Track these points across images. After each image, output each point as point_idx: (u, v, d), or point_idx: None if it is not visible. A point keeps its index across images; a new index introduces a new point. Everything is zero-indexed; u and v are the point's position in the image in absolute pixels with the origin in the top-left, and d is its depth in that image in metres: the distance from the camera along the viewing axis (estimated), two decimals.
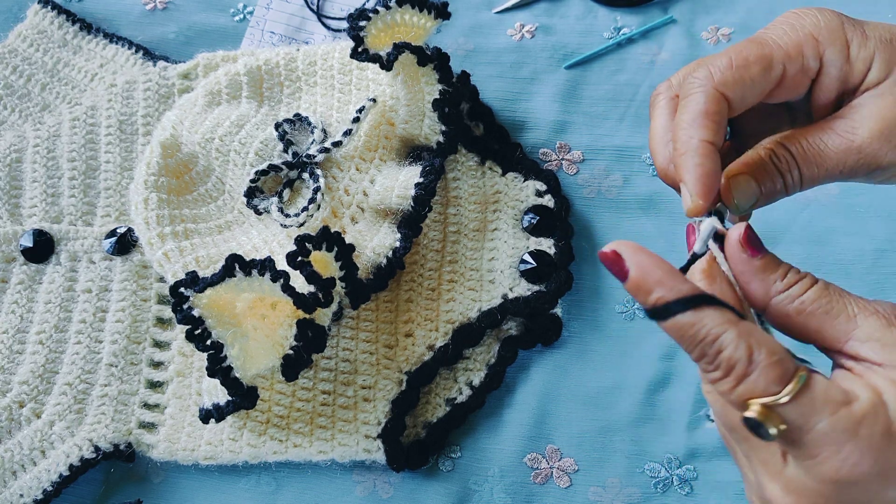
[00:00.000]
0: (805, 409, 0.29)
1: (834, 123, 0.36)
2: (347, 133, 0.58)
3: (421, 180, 0.55)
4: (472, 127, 0.64)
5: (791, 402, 0.29)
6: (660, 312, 0.31)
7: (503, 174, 0.62)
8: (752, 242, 0.33)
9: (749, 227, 0.33)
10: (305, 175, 0.57)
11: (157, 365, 0.58)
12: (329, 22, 0.72)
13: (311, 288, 0.47)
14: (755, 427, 0.29)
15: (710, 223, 0.35)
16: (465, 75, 0.61)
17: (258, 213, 0.58)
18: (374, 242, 0.55)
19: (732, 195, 0.36)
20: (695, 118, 0.35)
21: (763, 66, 0.36)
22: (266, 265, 0.46)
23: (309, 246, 0.48)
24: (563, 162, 0.63)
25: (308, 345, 0.49)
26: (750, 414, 0.29)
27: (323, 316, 0.50)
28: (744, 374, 0.29)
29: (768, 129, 0.41)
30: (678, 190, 0.36)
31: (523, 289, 0.57)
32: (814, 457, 0.29)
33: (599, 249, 0.32)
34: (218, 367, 0.47)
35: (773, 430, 0.29)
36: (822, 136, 0.36)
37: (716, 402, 0.33)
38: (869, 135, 0.35)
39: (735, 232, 0.33)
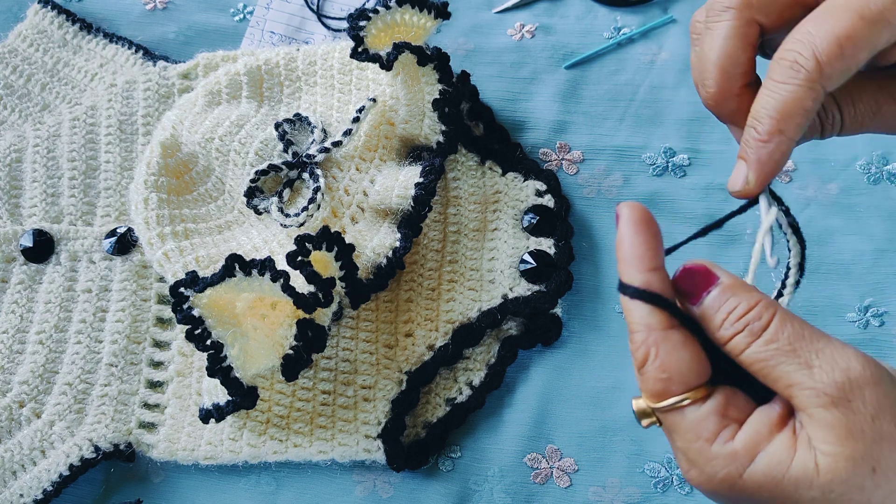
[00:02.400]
0: (670, 427, 0.32)
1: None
2: (347, 133, 0.58)
3: (421, 180, 0.55)
4: (472, 127, 0.64)
5: (663, 414, 0.32)
6: (620, 287, 0.33)
7: (503, 174, 0.62)
8: (691, 287, 0.33)
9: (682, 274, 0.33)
10: (305, 175, 0.57)
11: (157, 365, 0.58)
12: (329, 22, 0.72)
13: (311, 288, 0.47)
14: (634, 414, 0.33)
15: (765, 201, 0.34)
16: (465, 75, 0.61)
17: (258, 213, 0.58)
18: (374, 242, 0.55)
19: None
20: (791, 115, 0.32)
21: (871, 50, 0.31)
22: (266, 265, 0.46)
23: (309, 246, 0.48)
24: (563, 162, 0.63)
25: (308, 345, 0.49)
26: (634, 404, 0.33)
27: (323, 316, 0.50)
28: (637, 371, 0.32)
29: None
30: (725, 122, 0.35)
31: (523, 289, 0.57)
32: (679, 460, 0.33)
33: (621, 204, 0.33)
34: (218, 367, 0.47)
35: (641, 424, 0.33)
36: (879, 95, 0.34)
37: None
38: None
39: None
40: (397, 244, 0.55)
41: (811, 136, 0.36)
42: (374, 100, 0.59)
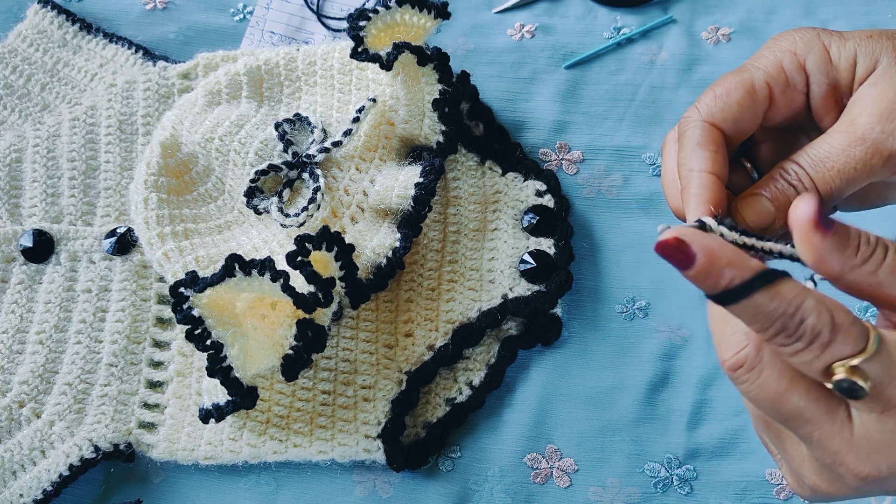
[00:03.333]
0: (885, 363, 0.29)
1: (836, 125, 0.36)
2: (347, 133, 0.58)
3: (421, 180, 0.55)
4: (472, 127, 0.64)
5: (874, 358, 0.29)
6: (734, 294, 0.29)
7: (503, 174, 0.62)
8: (823, 221, 0.30)
9: (818, 206, 0.31)
10: (305, 175, 0.57)
11: (157, 365, 0.58)
12: (329, 22, 0.72)
13: (311, 288, 0.47)
14: (849, 389, 0.29)
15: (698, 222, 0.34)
16: (465, 75, 0.61)
17: (258, 213, 0.58)
18: (374, 242, 0.55)
19: (743, 215, 0.36)
20: (691, 152, 0.37)
21: (745, 90, 0.37)
22: (266, 265, 0.46)
23: (309, 246, 0.48)
24: (563, 162, 0.63)
25: (308, 345, 0.49)
26: (840, 376, 0.29)
27: (323, 316, 0.50)
28: (829, 340, 0.29)
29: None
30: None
31: (523, 289, 0.57)
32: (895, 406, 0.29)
33: (658, 240, 0.30)
34: (218, 367, 0.47)
35: (866, 386, 0.29)
36: (827, 139, 0.36)
37: (761, 399, 0.32)
38: (868, 121, 0.35)
39: (802, 210, 0.30)
40: (397, 244, 0.55)
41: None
42: (374, 100, 0.59)
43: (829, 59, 0.37)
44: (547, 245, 0.58)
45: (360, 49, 0.55)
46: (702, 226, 0.34)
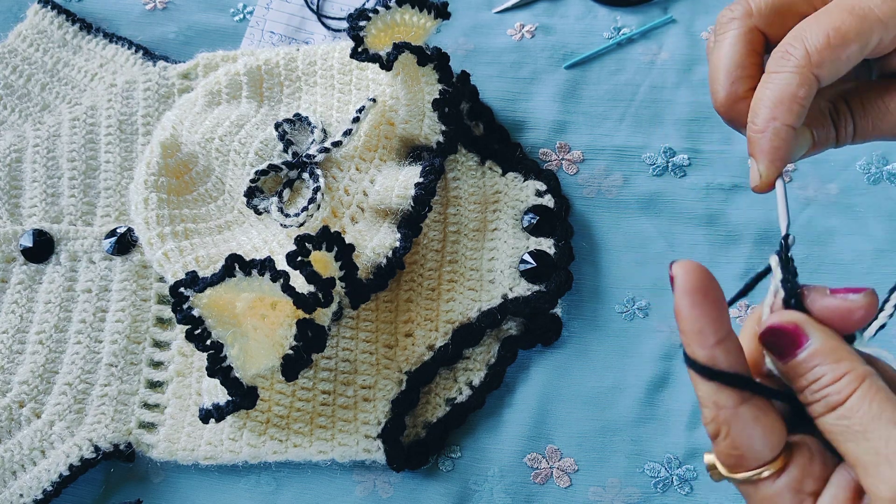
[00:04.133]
0: (744, 494, 0.31)
1: None
2: (347, 133, 0.58)
3: (421, 180, 0.55)
4: (472, 127, 0.64)
5: (736, 482, 0.31)
6: (686, 360, 0.31)
7: (503, 174, 0.62)
8: (774, 349, 0.31)
9: (769, 331, 0.31)
10: (305, 175, 0.57)
11: (157, 365, 0.58)
12: (329, 22, 0.72)
13: (311, 288, 0.47)
14: (705, 466, 0.32)
15: (782, 190, 0.35)
16: (465, 75, 0.61)
17: (258, 213, 0.58)
18: (374, 242, 0.55)
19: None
20: (782, 101, 0.33)
21: (861, 44, 0.33)
22: (266, 265, 0.46)
23: (309, 246, 0.48)
24: (563, 162, 0.63)
25: (308, 345, 0.49)
26: (706, 458, 0.32)
27: (323, 316, 0.50)
28: (712, 442, 0.31)
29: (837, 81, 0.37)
30: (735, 128, 0.36)
31: (523, 289, 0.57)
32: None
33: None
34: (218, 367, 0.47)
35: (711, 476, 0.32)
36: (886, 97, 0.35)
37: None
38: None
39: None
40: (397, 244, 0.55)
41: (827, 144, 0.36)
42: (374, 100, 0.59)
43: None
44: (547, 245, 0.58)
45: (360, 49, 0.55)
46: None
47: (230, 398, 0.50)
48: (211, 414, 0.51)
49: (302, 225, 0.55)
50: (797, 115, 0.33)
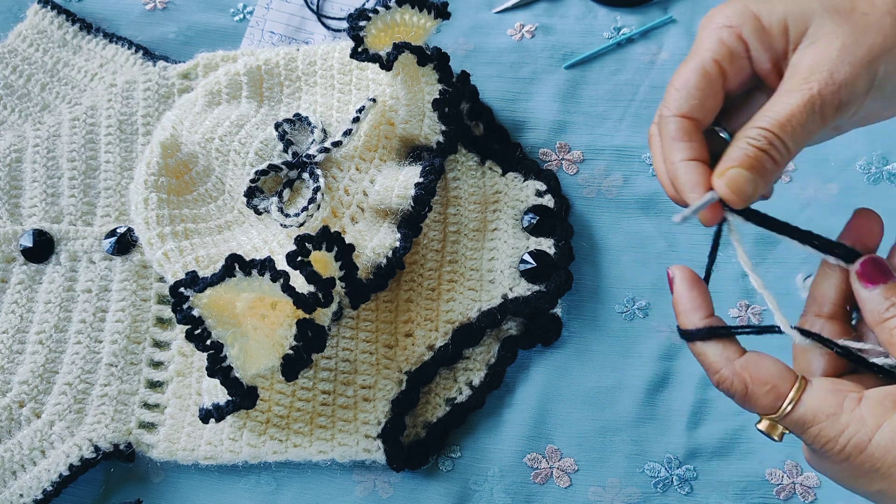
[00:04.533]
0: (798, 423, 0.36)
1: (789, 84, 0.39)
2: (347, 133, 0.58)
3: (421, 180, 0.55)
4: (472, 127, 0.64)
5: (789, 418, 0.36)
6: (681, 335, 0.38)
7: (503, 174, 0.62)
8: (868, 277, 0.38)
9: (867, 261, 0.38)
10: (305, 175, 0.57)
11: (157, 365, 0.58)
12: (329, 22, 0.72)
13: (311, 288, 0.47)
14: (766, 435, 0.37)
15: (710, 196, 0.39)
16: (465, 75, 0.61)
17: (258, 213, 0.58)
18: (374, 242, 0.55)
19: (729, 190, 0.39)
20: (670, 146, 0.40)
21: (699, 75, 0.40)
22: (266, 265, 0.46)
23: (309, 246, 0.48)
24: (563, 162, 0.63)
25: (308, 345, 0.49)
26: (760, 427, 0.37)
27: (323, 316, 0.50)
28: (743, 401, 0.36)
29: None
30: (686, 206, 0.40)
31: (523, 289, 0.57)
32: (813, 452, 0.38)
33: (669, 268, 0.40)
34: (218, 367, 0.47)
35: (775, 438, 0.37)
36: (784, 99, 0.39)
37: None
38: (818, 77, 0.38)
39: (856, 264, 0.39)
40: (397, 244, 0.55)
41: (769, 174, 0.40)
42: (374, 100, 0.59)
43: (762, 26, 0.40)
44: (547, 245, 0.58)
45: (360, 49, 0.55)
46: (721, 201, 0.39)
47: (230, 398, 0.50)
48: (211, 414, 0.51)
49: (302, 225, 0.55)
50: (687, 149, 0.40)
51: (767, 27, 0.40)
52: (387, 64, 0.54)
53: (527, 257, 0.58)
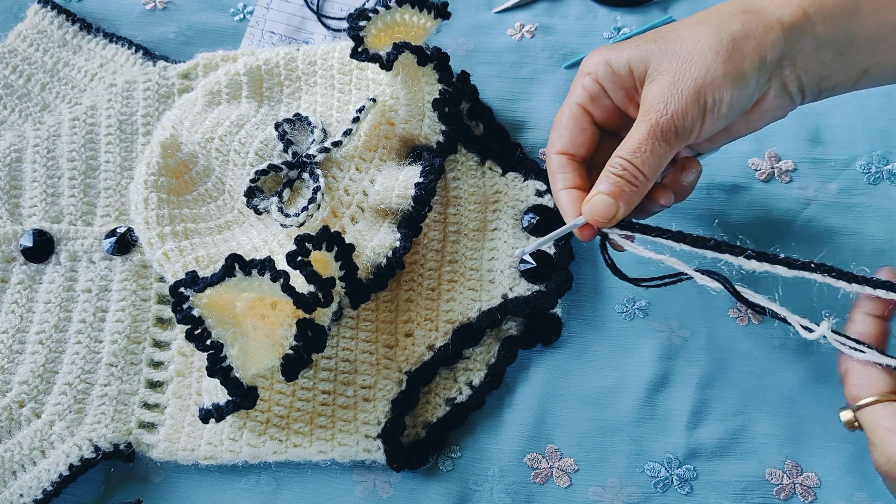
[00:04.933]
0: (865, 422, 0.43)
1: (639, 117, 0.46)
2: (347, 133, 0.58)
3: (421, 180, 0.55)
4: (472, 127, 0.64)
5: (859, 413, 0.43)
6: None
7: (503, 174, 0.62)
8: None
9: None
10: (305, 175, 0.57)
11: (157, 365, 0.58)
12: (329, 22, 0.72)
13: (311, 288, 0.47)
14: (842, 422, 0.44)
15: (577, 220, 0.48)
16: (465, 75, 0.62)
17: (258, 213, 0.58)
18: (374, 242, 0.55)
19: (591, 214, 0.46)
20: (553, 178, 0.50)
21: (569, 117, 0.50)
22: (266, 265, 0.46)
23: (309, 246, 0.48)
24: None
25: (308, 345, 0.49)
26: (841, 415, 0.44)
27: (323, 316, 0.50)
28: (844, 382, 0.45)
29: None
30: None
31: (523, 288, 0.57)
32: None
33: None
34: (218, 367, 0.47)
35: (847, 423, 0.43)
36: (634, 131, 0.46)
37: None
38: (657, 108, 0.45)
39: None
40: (397, 244, 0.55)
41: (633, 195, 0.47)
42: (374, 100, 0.59)
43: (613, 70, 0.48)
44: (547, 245, 0.58)
45: (360, 49, 0.55)
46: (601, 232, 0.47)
47: (230, 398, 0.50)
48: (211, 414, 0.51)
49: (302, 225, 0.55)
50: (566, 180, 0.50)
51: (616, 70, 0.48)
52: (387, 64, 0.54)
53: (527, 257, 0.58)
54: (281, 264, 0.47)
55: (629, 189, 0.45)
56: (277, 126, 0.59)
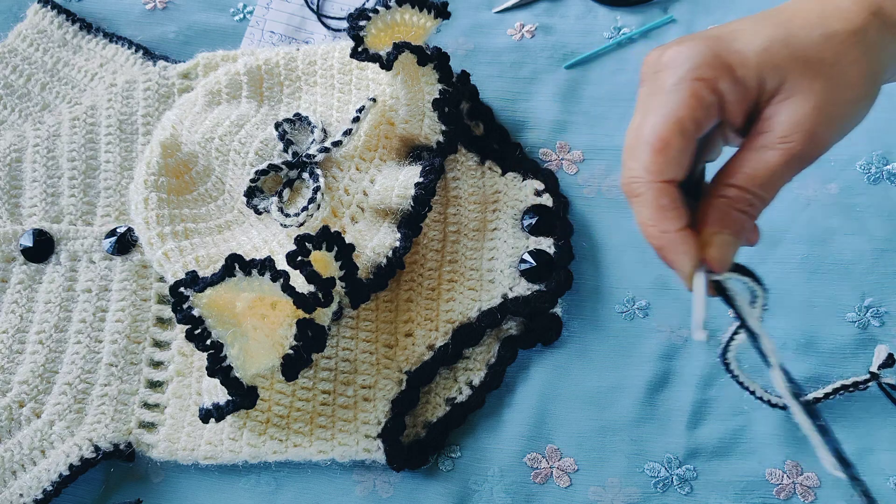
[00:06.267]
0: None
1: (763, 140, 0.38)
2: (347, 133, 0.58)
3: (421, 180, 0.55)
4: (472, 127, 0.64)
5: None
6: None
7: (503, 174, 0.62)
8: None
9: None
10: (305, 175, 0.57)
11: (157, 365, 0.58)
12: (329, 22, 0.72)
13: (311, 288, 0.47)
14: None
15: (702, 277, 0.38)
16: (465, 75, 0.61)
17: (258, 212, 0.58)
18: (374, 242, 0.55)
19: (713, 256, 0.38)
20: (660, 216, 0.38)
21: (680, 134, 0.38)
22: (266, 265, 0.46)
23: (309, 246, 0.48)
24: (563, 161, 0.63)
25: (308, 344, 0.49)
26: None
27: (323, 316, 0.50)
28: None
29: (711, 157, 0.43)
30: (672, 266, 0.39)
31: (523, 288, 0.57)
32: None
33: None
34: (218, 367, 0.47)
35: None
36: (764, 157, 0.38)
37: None
38: (799, 137, 0.37)
39: None
40: (397, 244, 0.55)
41: (749, 232, 0.40)
42: (374, 100, 0.59)
43: (737, 78, 0.38)
44: (547, 244, 0.58)
45: (360, 49, 0.55)
46: (716, 283, 0.38)
47: (230, 398, 0.50)
48: (211, 414, 0.51)
49: (302, 225, 0.55)
50: (677, 219, 0.38)
51: (742, 79, 0.38)
52: (387, 64, 0.54)
53: (526, 256, 0.58)
54: (281, 264, 0.47)
55: (749, 225, 0.39)
56: (277, 126, 0.59)
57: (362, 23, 0.54)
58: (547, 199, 0.60)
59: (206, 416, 0.52)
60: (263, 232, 0.57)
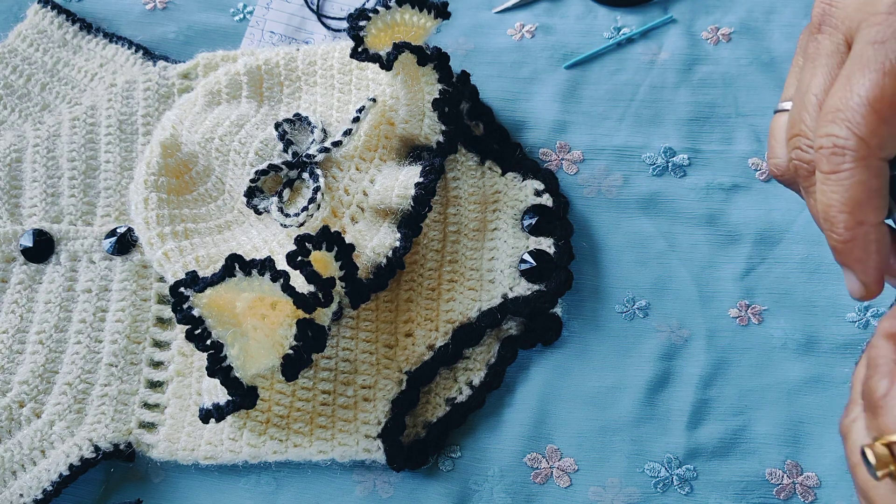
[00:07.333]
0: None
1: None
2: (347, 133, 0.58)
3: (421, 180, 0.55)
4: (472, 127, 0.64)
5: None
6: None
7: (503, 174, 0.62)
8: None
9: None
10: (305, 175, 0.57)
11: (157, 365, 0.58)
12: (329, 22, 0.72)
13: (311, 288, 0.47)
14: (867, 462, 0.29)
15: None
16: (465, 75, 0.61)
17: (258, 212, 0.58)
18: (374, 242, 0.55)
19: None
20: (860, 202, 0.30)
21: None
22: (266, 265, 0.46)
23: (309, 246, 0.48)
24: (563, 162, 0.63)
25: (308, 344, 0.49)
26: (869, 452, 0.29)
27: (323, 316, 0.50)
28: (873, 404, 0.29)
29: None
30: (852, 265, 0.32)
31: (523, 288, 0.57)
32: None
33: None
34: (218, 367, 0.47)
35: (880, 474, 0.28)
36: None
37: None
38: None
39: None
40: (397, 244, 0.55)
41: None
42: (374, 100, 0.59)
43: None
44: (547, 244, 0.58)
45: (360, 49, 0.55)
46: None
47: (230, 398, 0.50)
48: (211, 414, 0.51)
49: (302, 225, 0.55)
50: (881, 209, 0.30)
51: None
52: (387, 64, 0.54)
53: (527, 257, 0.58)
54: (281, 264, 0.47)
55: None
56: (277, 126, 0.59)
57: (362, 23, 0.54)
58: (547, 200, 0.60)
59: (206, 416, 0.52)
60: (263, 232, 0.57)
